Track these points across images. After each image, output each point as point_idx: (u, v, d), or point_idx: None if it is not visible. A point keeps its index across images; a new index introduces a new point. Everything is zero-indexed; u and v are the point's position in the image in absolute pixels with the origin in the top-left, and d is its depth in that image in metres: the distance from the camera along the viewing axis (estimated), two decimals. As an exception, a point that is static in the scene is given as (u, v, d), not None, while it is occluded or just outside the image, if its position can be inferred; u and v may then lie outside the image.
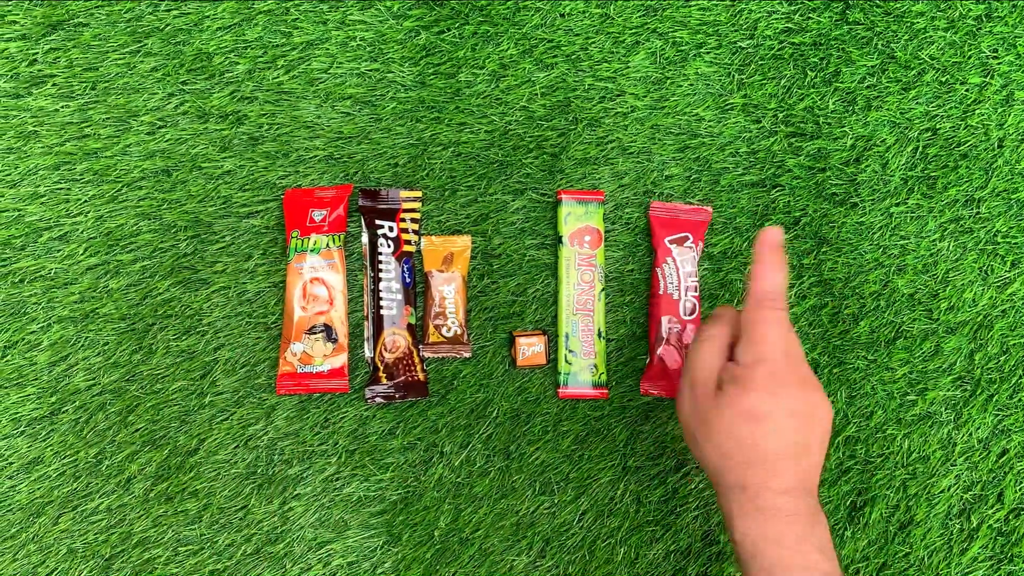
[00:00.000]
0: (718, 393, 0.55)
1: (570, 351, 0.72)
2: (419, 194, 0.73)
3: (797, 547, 0.51)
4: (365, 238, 0.72)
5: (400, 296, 0.71)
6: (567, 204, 0.73)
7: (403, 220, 0.72)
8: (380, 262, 0.71)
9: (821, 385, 0.56)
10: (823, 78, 0.76)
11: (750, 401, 0.53)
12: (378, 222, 0.72)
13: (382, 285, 0.71)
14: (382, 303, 0.71)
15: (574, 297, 0.72)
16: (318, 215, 0.71)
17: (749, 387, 0.53)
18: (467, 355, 0.72)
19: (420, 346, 0.72)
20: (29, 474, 0.69)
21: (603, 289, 0.73)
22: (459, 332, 0.72)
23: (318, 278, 0.71)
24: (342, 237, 0.72)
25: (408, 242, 0.72)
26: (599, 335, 0.72)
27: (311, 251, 0.71)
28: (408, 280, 0.72)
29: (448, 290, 0.72)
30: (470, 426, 0.72)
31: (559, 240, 0.73)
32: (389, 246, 0.72)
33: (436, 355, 0.72)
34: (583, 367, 0.72)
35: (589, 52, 0.75)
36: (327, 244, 0.71)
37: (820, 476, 0.55)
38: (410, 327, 0.71)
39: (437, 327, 0.72)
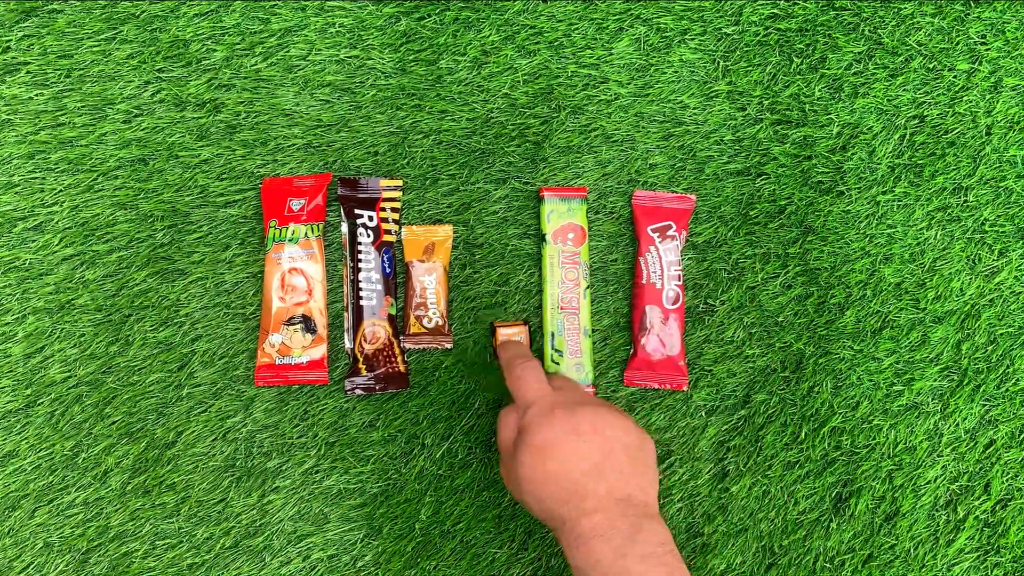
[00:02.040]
0: (515, 450, 0.57)
1: (556, 351, 0.71)
2: (399, 183, 0.72)
3: (616, 563, 0.51)
4: (344, 227, 0.71)
5: (380, 286, 0.70)
6: (549, 202, 0.72)
7: (383, 209, 0.71)
8: (360, 252, 0.70)
9: (608, 403, 0.58)
10: (809, 65, 0.75)
11: (533, 439, 0.55)
12: (358, 211, 0.71)
13: (362, 275, 0.70)
14: (362, 293, 0.70)
15: (559, 296, 0.71)
16: (296, 204, 0.70)
17: (528, 429, 0.56)
18: (448, 346, 0.71)
19: (401, 337, 0.71)
20: (4, 467, 0.68)
21: (588, 287, 0.72)
22: (440, 323, 0.71)
23: (296, 268, 0.70)
24: (321, 227, 0.71)
25: (388, 231, 0.71)
26: (585, 333, 0.71)
27: (289, 241, 0.70)
28: (388, 270, 0.71)
29: (429, 280, 0.71)
30: (451, 418, 0.71)
31: (543, 238, 0.72)
32: (369, 236, 0.71)
33: (417, 346, 0.71)
34: (570, 366, 0.71)
35: (572, 39, 0.74)
36: (306, 234, 0.70)
37: (645, 481, 0.55)
38: (390, 318, 0.71)
39: (418, 318, 0.71)
